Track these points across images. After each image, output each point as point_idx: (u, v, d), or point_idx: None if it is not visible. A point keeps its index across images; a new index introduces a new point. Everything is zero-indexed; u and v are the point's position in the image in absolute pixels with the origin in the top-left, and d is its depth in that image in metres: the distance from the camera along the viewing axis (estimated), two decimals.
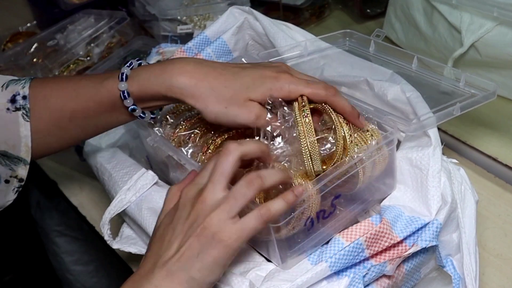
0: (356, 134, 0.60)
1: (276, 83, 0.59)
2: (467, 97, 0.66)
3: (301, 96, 0.60)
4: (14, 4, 1.46)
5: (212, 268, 0.51)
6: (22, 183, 0.68)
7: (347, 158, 0.58)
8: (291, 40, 0.81)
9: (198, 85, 0.59)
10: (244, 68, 0.62)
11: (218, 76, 0.60)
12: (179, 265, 0.51)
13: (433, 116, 0.63)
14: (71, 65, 1.07)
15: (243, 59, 0.78)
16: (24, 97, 0.65)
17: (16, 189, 0.68)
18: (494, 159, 0.87)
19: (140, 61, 0.65)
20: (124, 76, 0.62)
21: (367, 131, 0.61)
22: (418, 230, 0.58)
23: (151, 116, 0.66)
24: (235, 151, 0.52)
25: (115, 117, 0.65)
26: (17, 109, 0.64)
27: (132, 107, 0.63)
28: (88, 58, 1.09)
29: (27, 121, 0.64)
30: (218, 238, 0.50)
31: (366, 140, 0.60)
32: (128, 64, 0.63)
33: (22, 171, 0.67)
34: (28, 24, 1.31)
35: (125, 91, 0.62)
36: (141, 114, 0.64)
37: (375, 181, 0.64)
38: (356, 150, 0.59)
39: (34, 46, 1.12)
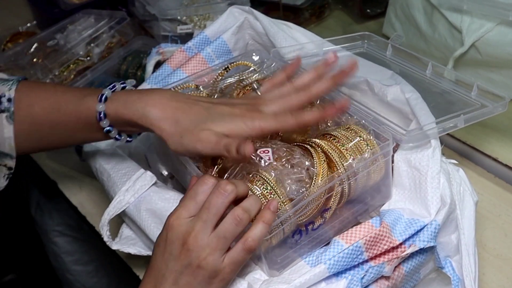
0: (352, 144, 0.61)
1: (247, 122, 0.60)
2: (474, 108, 0.65)
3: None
4: (14, 4, 1.46)
5: None
6: (12, 171, 0.69)
7: (331, 176, 0.59)
8: (291, 39, 0.81)
9: (166, 118, 0.61)
10: (215, 104, 0.63)
11: (187, 110, 0.61)
12: None
13: (435, 127, 0.63)
14: (71, 65, 1.07)
15: (253, 55, 0.78)
16: (9, 100, 0.66)
17: (6, 175, 0.69)
18: (494, 159, 0.87)
19: (124, 85, 0.66)
20: (103, 98, 0.63)
21: (363, 140, 0.61)
22: (417, 232, 0.58)
23: (127, 139, 0.68)
24: (231, 193, 0.53)
25: (92, 135, 0.67)
26: (2, 111, 0.65)
27: (107, 128, 0.64)
28: (88, 58, 1.09)
29: (11, 124, 0.65)
30: (214, 276, 0.53)
31: (361, 150, 0.60)
32: (111, 87, 0.64)
33: (10, 162, 0.68)
34: (28, 24, 1.31)
35: (102, 112, 0.63)
36: (117, 136, 0.66)
37: (370, 190, 0.65)
38: (350, 161, 0.59)
39: (34, 46, 1.12)
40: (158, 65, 0.94)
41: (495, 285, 0.72)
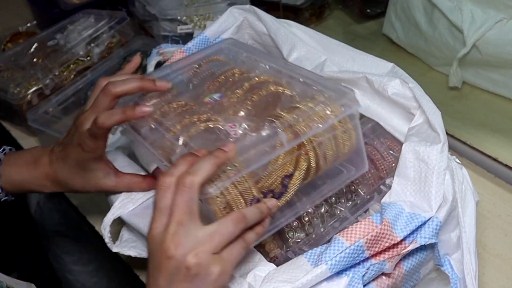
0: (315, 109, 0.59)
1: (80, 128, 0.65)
2: None
3: None
4: (14, 4, 1.46)
5: None
6: None
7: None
8: (292, 35, 0.81)
9: (60, 180, 0.70)
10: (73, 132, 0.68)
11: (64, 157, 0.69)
12: None
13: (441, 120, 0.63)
14: (71, 65, 1.07)
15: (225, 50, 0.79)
16: None
17: None
18: (494, 159, 0.87)
19: (4, 150, 0.77)
20: None
21: (326, 106, 0.60)
22: (418, 227, 0.58)
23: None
24: (194, 185, 0.50)
25: None
26: None
27: (4, 198, 0.74)
28: (88, 58, 1.09)
29: None
30: (211, 275, 0.50)
31: (326, 116, 0.59)
32: None
33: None
34: (28, 24, 1.31)
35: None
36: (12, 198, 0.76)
37: (343, 162, 0.64)
38: (314, 125, 0.57)
39: (34, 46, 1.12)
40: (158, 65, 0.94)
41: (495, 285, 0.72)
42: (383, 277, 0.59)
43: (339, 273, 0.56)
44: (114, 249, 0.69)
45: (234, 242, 0.52)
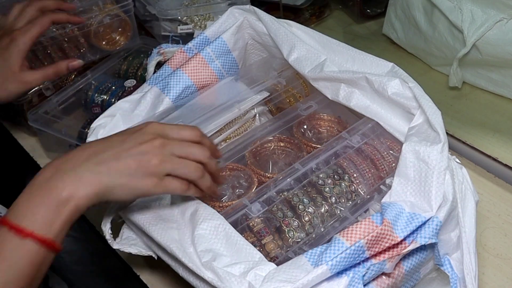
0: None
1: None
2: None
3: None
4: None
5: (128, 192, 0.57)
6: None
7: None
8: (292, 35, 0.81)
9: None
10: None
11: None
12: (109, 172, 0.55)
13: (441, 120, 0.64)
14: None
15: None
16: None
17: None
18: (494, 159, 0.87)
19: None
20: None
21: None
22: (418, 227, 0.58)
23: None
24: (208, 156, 0.59)
25: None
26: None
27: None
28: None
29: None
30: (157, 180, 0.56)
31: None
32: None
33: None
34: None
35: None
36: None
37: None
38: None
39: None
40: (159, 65, 0.94)
41: (495, 285, 0.72)
42: (383, 277, 0.59)
43: (339, 273, 0.56)
44: (115, 246, 0.69)
45: (180, 180, 0.58)
